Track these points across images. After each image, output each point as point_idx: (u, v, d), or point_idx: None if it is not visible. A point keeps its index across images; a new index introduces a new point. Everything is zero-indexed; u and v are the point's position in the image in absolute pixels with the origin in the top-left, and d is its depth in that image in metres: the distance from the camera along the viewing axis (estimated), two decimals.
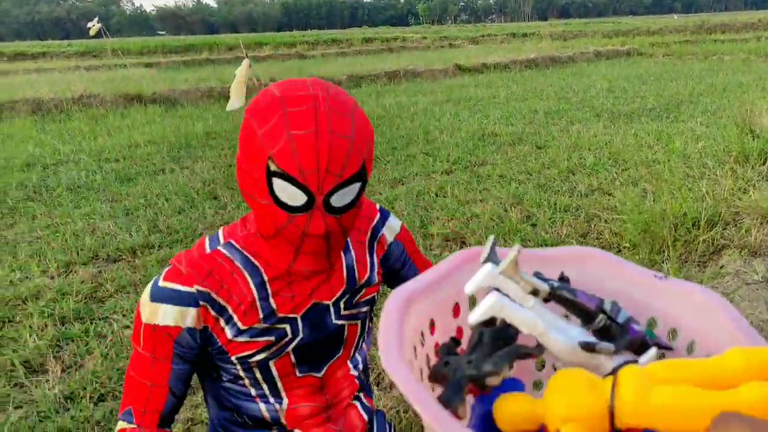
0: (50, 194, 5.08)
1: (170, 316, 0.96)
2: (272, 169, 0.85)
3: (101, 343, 2.73)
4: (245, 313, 0.98)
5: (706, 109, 7.90)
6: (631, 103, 8.73)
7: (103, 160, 6.32)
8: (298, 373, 1.06)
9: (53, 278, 3.42)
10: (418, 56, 18.80)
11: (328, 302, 1.04)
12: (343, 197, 0.89)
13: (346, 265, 1.06)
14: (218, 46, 25.99)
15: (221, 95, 10.59)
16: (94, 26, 9.92)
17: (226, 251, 0.99)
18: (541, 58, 15.62)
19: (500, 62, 14.89)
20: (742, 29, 25.49)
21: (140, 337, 0.99)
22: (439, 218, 4.17)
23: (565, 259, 0.65)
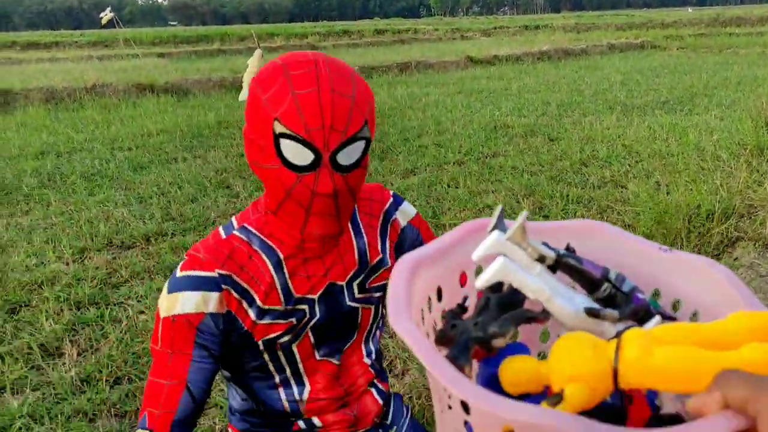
0: (64, 182, 5.13)
1: (191, 302, 0.95)
2: (279, 131, 0.88)
3: (116, 327, 2.76)
4: (266, 294, 0.99)
5: (720, 102, 7.83)
6: (644, 95, 8.66)
7: (116, 148, 6.36)
8: (317, 356, 1.08)
9: (68, 264, 3.45)
10: (429, 48, 18.73)
11: (341, 283, 1.06)
12: (348, 155, 0.91)
13: (358, 247, 1.08)
14: (230, 36, 25.99)
15: (233, 85, 10.62)
16: (106, 15, 9.96)
17: (241, 235, 1.01)
18: (553, 50, 15.52)
19: (512, 54, 14.81)
20: (757, 23, 25.18)
21: (158, 336, 0.97)
22: (451, 209, 4.17)
23: (571, 231, 0.66)
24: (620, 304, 0.56)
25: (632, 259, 0.63)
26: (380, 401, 1.18)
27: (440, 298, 0.61)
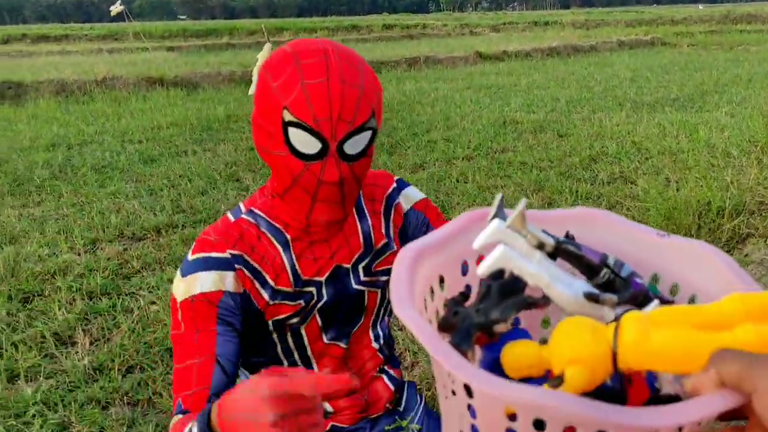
0: (75, 174, 5.18)
1: (209, 281, 0.96)
2: (287, 119, 0.89)
3: (128, 317, 2.80)
4: (277, 274, 1.02)
5: (731, 99, 7.78)
6: (654, 92, 8.62)
7: (126, 141, 6.41)
8: (325, 339, 1.10)
9: (80, 255, 3.50)
10: (438, 43, 18.70)
11: (347, 265, 1.08)
12: (355, 145, 0.93)
13: (362, 230, 1.10)
14: (239, 30, 26.04)
15: (242, 79, 10.64)
16: (116, 8, 9.99)
17: (249, 218, 1.03)
18: (563, 46, 15.44)
19: (521, 50, 14.75)
20: None
21: (179, 320, 0.96)
22: (459, 203, 4.19)
23: (570, 218, 0.67)
24: (619, 289, 0.57)
25: (631, 245, 0.64)
26: (392, 387, 1.20)
27: (442, 287, 0.62)
